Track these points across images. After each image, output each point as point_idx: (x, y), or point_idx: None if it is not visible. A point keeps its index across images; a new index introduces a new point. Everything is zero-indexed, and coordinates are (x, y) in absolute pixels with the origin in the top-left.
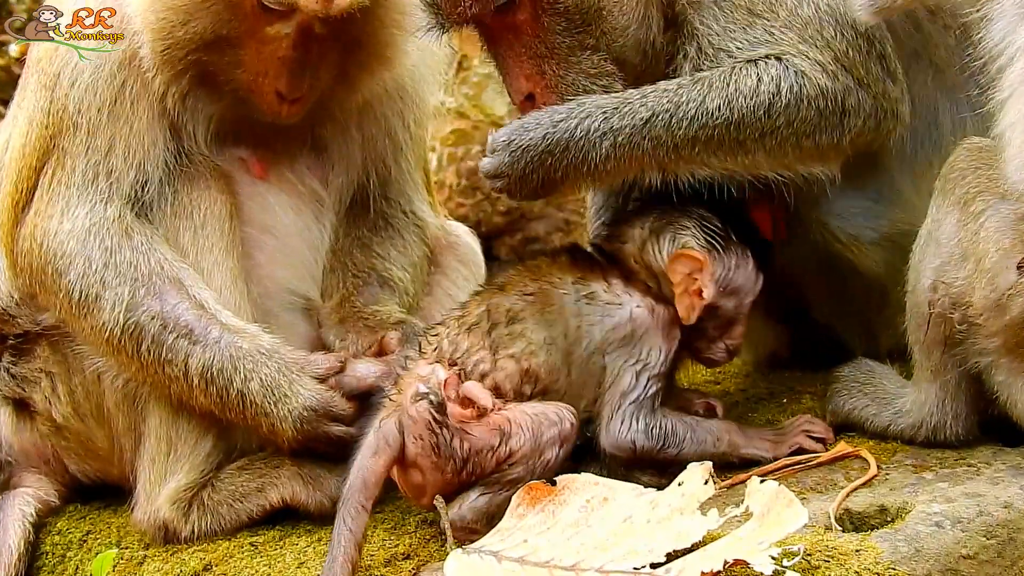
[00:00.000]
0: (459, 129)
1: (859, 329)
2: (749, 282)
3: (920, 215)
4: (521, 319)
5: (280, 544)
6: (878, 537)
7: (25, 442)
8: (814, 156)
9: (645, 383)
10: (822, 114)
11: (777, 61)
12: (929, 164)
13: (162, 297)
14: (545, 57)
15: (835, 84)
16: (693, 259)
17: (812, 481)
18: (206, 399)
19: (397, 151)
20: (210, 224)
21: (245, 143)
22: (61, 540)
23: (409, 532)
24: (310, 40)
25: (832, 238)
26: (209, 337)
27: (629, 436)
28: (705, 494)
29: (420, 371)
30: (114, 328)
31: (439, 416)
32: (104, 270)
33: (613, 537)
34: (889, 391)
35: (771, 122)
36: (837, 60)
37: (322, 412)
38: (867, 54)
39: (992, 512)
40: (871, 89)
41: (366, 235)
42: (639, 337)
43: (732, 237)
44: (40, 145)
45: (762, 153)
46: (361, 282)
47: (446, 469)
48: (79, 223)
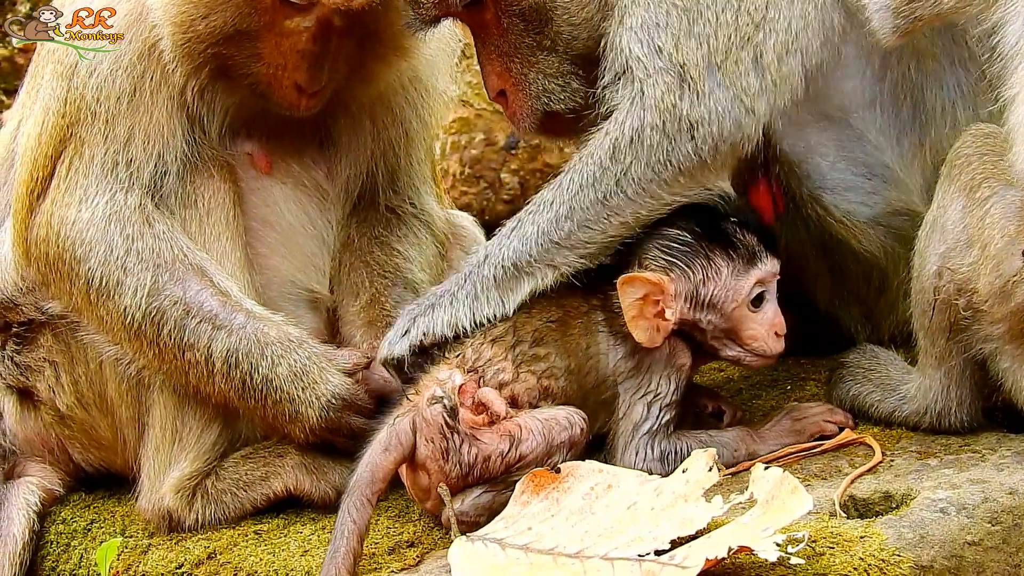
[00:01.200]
0: (462, 117)
1: (860, 314)
2: (727, 292)
3: (913, 194)
4: (545, 343)
5: (284, 532)
6: (883, 524)
7: (29, 431)
8: (685, 182)
9: (657, 413)
10: (668, 135)
11: (629, 104)
12: (919, 145)
13: (185, 283)
14: (510, 56)
15: (684, 99)
16: (645, 281)
17: (816, 468)
18: (227, 384)
19: (409, 143)
20: (215, 214)
21: (254, 137)
22: (65, 529)
23: (413, 520)
24: (330, 33)
25: (826, 213)
26: (234, 323)
27: (645, 466)
28: (709, 481)
29: (439, 374)
30: (135, 313)
31: (451, 421)
32: (126, 257)
33: (617, 524)
34: (894, 377)
35: (620, 165)
36: (712, 52)
37: (348, 403)
38: (746, 41)
39: (997, 498)
40: (733, 84)
41: (381, 232)
42: (647, 368)
43: (702, 250)
44: (57, 134)
45: (629, 203)
46: (389, 283)
47: (451, 475)
48: (99, 211)
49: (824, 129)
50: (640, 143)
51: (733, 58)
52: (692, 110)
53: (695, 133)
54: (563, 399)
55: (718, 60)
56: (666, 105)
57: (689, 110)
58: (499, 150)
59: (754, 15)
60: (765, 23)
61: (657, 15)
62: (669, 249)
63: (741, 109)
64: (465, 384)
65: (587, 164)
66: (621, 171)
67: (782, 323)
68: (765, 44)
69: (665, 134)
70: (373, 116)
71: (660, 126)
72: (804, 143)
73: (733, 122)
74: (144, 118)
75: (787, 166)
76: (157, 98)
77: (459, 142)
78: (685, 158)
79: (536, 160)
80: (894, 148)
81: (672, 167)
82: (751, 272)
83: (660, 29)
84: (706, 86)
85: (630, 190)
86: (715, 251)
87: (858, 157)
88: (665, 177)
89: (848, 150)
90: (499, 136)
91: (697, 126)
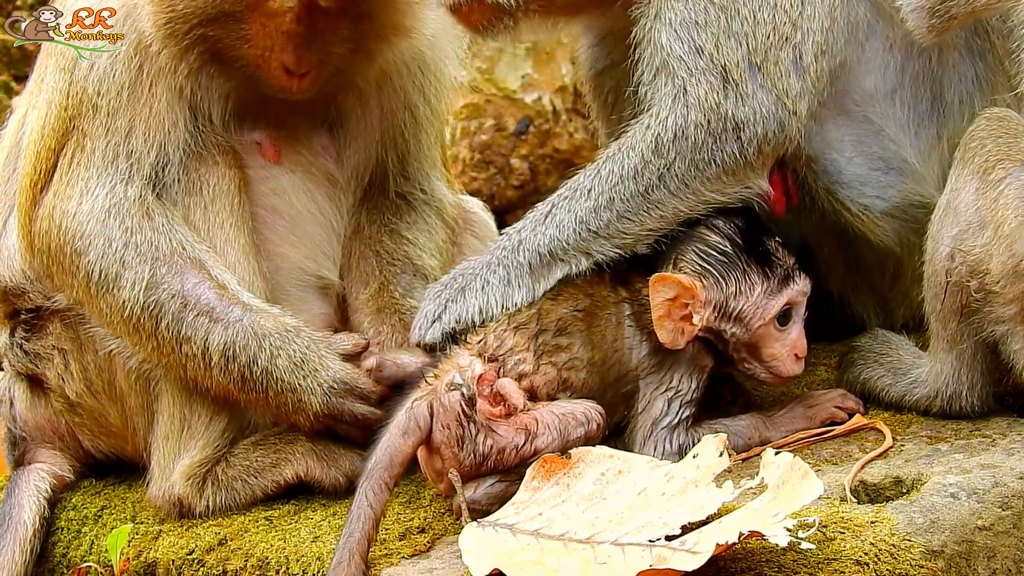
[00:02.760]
0: (472, 103)
1: (873, 303)
2: (756, 309)
3: (930, 186)
4: (569, 333)
5: (295, 518)
6: (893, 509)
7: (39, 418)
8: (727, 180)
9: (677, 409)
10: (712, 134)
11: (672, 101)
12: (937, 137)
13: (183, 276)
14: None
15: (728, 98)
16: (677, 283)
17: (827, 453)
18: (225, 377)
19: (417, 126)
20: (220, 201)
21: (261, 124)
22: (76, 515)
23: (424, 506)
24: (315, 13)
25: (842, 207)
26: (231, 316)
27: (663, 459)
28: (720, 466)
29: (459, 360)
30: (134, 307)
31: (468, 410)
32: (124, 249)
33: (628, 510)
34: (905, 361)
35: (663, 160)
36: (751, 52)
37: (350, 387)
38: (785, 41)
39: (1008, 483)
40: (775, 85)
41: (391, 220)
42: (670, 365)
43: (739, 263)
44: (59, 127)
45: (671, 197)
46: (398, 270)
47: (465, 463)
48: (99, 203)
49: (842, 124)
50: (684, 140)
51: (773, 59)
52: (737, 110)
53: (740, 134)
54: (583, 392)
55: (758, 60)
56: (710, 104)
57: (734, 110)
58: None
59: (791, 12)
60: (802, 21)
61: (696, 12)
62: (707, 256)
63: (784, 111)
64: (485, 374)
65: (628, 156)
66: (664, 166)
67: (804, 346)
68: (804, 45)
69: (710, 133)
70: (379, 96)
71: (705, 124)
72: (821, 138)
73: (777, 124)
74: (144, 110)
75: (803, 161)
76: (156, 88)
77: (469, 128)
78: (729, 158)
79: (546, 146)
80: (912, 141)
81: (716, 165)
82: (783, 292)
83: (700, 28)
84: (749, 87)
85: (672, 185)
86: (752, 266)
87: (875, 151)
88: (708, 175)
89: (866, 144)
90: (509, 122)
91: (743, 127)
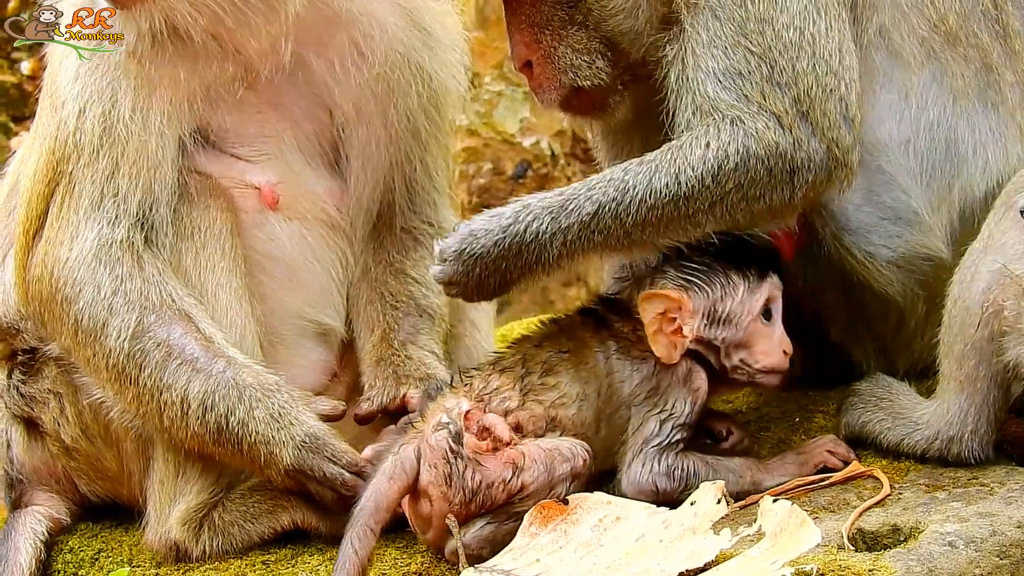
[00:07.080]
0: (470, 146)
1: (875, 351)
2: (743, 306)
3: (937, 239)
4: (556, 372)
5: (292, 563)
6: (891, 557)
7: (36, 461)
8: (766, 217)
9: (669, 431)
10: (771, 173)
11: (731, 125)
12: (948, 188)
13: (170, 327)
14: (541, 27)
15: (786, 139)
16: (665, 298)
17: (825, 500)
18: (201, 427)
19: (423, 148)
20: (211, 245)
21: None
22: (73, 558)
23: (421, 551)
24: None
25: (847, 254)
26: (214, 368)
27: (651, 479)
28: (718, 514)
29: (446, 403)
30: (119, 355)
31: (455, 446)
32: (113, 297)
33: (626, 557)
34: (905, 406)
35: (719, 189)
36: (797, 102)
37: (322, 443)
38: (830, 93)
39: (1005, 532)
40: (825, 136)
41: (396, 258)
42: (663, 390)
43: (717, 268)
44: (49, 172)
45: (711, 223)
46: (401, 313)
47: (454, 500)
48: (87, 247)
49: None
50: (745, 172)
51: (820, 109)
52: (795, 153)
53: (795, 177)
54: (575, 428)
55: (804, 109)
56: (768, 141)
57: (793, 153)
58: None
59: (831, 63)
60: (843, 71)
61: (735, 61)
62: (687, 268)
63: (835, 161)
64: (472, 410)
65: (686, 174)
66: (719, 195)
67: (788, 342)
68: (849, 97)
69: (769, 170)
70: (386, 123)
71: (765, 160)
72: None
73: (827, 173)
74: (129, 148)
75: (812, 206)
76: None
77: (467, 171)
78: (779, 199)
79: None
80: (923, 191)
81: (765, 203)
82: (763, 286)
83: (743, 78)
84: (802, 133)
85: (718, 211)
86: (730, 268)
87: (885, 200)
88: (756, 210)
89: (876, 193)
90: (507, 165)
91: (797, 171)
